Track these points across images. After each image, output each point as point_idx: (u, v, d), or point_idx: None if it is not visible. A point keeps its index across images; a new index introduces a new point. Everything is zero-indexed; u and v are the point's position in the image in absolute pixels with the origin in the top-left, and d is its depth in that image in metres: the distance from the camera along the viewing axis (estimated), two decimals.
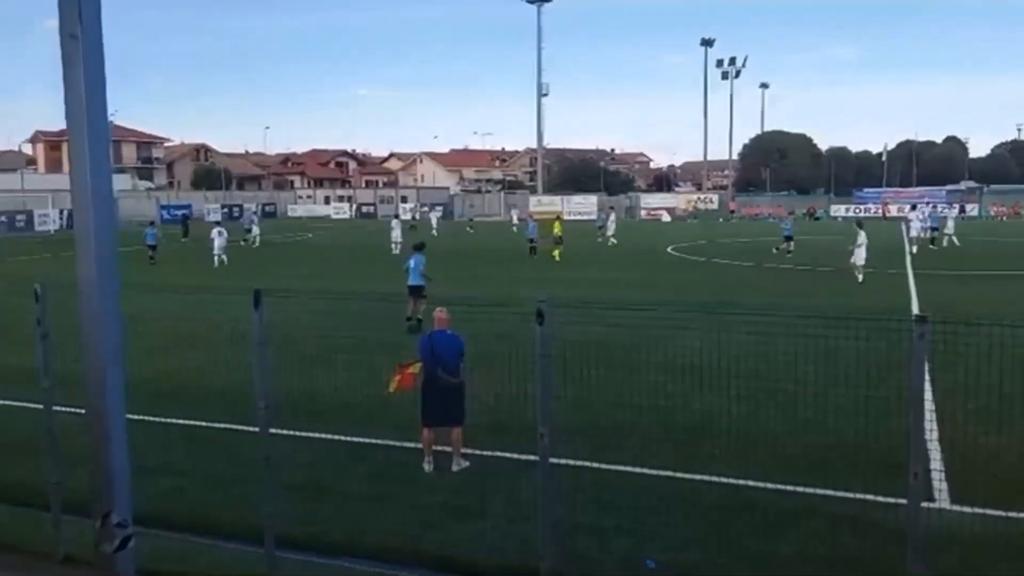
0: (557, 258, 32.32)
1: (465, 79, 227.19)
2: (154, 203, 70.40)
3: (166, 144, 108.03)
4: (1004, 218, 67.14)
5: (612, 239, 41.91)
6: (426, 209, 59.81)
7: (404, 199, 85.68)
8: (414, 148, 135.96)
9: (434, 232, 48.35)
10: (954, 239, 36.93)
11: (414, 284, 17.15)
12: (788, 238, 34.00)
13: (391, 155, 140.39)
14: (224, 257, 31.46)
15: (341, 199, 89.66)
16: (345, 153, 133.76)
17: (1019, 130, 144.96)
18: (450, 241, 43.04)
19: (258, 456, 6.48)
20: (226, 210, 76.46)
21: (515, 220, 58.13)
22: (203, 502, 7.83)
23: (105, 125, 3.30)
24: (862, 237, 24.83)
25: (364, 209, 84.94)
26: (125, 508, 3.26)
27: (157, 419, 9.91)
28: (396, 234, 36.50)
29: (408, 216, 52.93)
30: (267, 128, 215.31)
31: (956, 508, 7.27)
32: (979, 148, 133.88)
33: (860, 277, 24.46)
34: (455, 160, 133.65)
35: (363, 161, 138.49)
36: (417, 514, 7.52)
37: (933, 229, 36.65)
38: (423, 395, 8.49)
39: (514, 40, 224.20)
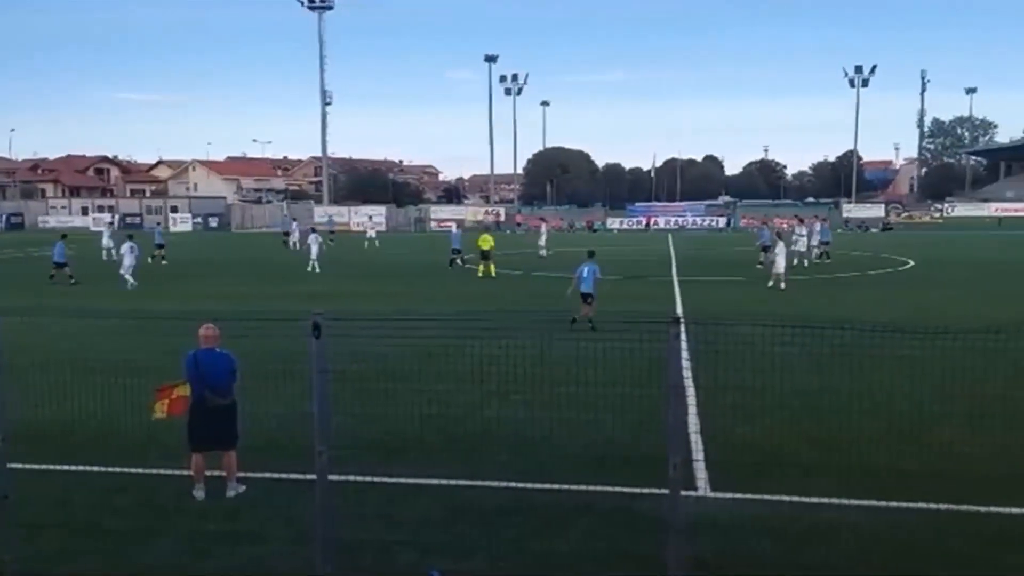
0: (490, 274, 29.37)
1: (242, 85, 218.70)
2: None
3: None
4: (754, 229, 72.32)
5: (544, 252, 39.15)
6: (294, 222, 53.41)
7: (175, 209, 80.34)
8: (186, 155, 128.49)
9: (295, 245, 45.32)
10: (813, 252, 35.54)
11: (586, 291, 17.72)
12: (765, 248, 30.96)
13: (159, 162, 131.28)
14: (132, 279, 26.10)
15: (102, 209, 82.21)
16: (106, 159, 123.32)
17: (765, 150, 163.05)
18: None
19: None
20: None
21: (371, 234, 52.51)
22: None
23: None
24: (780, 247, 25.94)
25: (129, 220, 78.50)
26: None
27: None
28: (315, 250, 32.76)
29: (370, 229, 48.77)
30: (13, 131, 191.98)
31: (715, 495, 7.91)
32: (733, 166, 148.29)
33: (783, 285, 24.96)
34: (232, 168, 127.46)
35: (127, 168, 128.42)
36: (188, 543, 7.01)
37: (824, 243, 35.38)
38: (190, 418, 7.87)
39: (295, 46, 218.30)
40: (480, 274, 29.40)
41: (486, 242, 30.18)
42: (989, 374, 10.88)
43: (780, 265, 25.47)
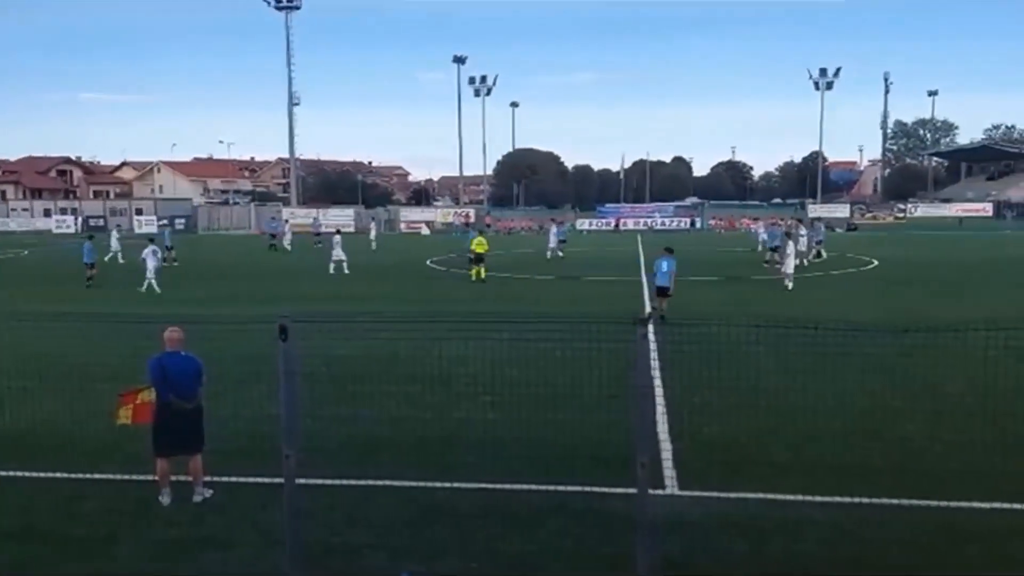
0: (477, 277, 28.94)
1: (208, 85, 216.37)
2: None
3: None
4: (722, 231, 72.40)
5: (559, 252, 39.98)
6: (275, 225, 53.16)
7: (139, 211, 79.05)
8: (151, 156, 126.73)
9: (288, 247, 45.01)
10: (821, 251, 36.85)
11: (662, 285, 19.15)
12: (773, 249, 31.72)
13: (124, 164, 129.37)
14: (155, 282, 25.82)
15: (65, 211, 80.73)
16: (69, 161, 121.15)
17: (732, 151, 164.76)
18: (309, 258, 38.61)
19: None
20: None
21: (372, 236, 51.11)
22: None
23: None
24: (791, 248, 25.99)
25: (93, 222, 77.16)
26: None
27: None
28: (338, 252, 32.06)
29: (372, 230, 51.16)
30: None
31: (683, 493, 7.97)
32: (701, 167, 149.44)
33: (790, 285, 24.93)
34: (198, 170, 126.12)
35: (91, 170, 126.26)
36: (154, 550, 6.91)
37: (818, 243, 36.62)
38: (155, 422, 7.76)
39: (262, 47, 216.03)
40: (480, 278, 28.96)
41: (480, 245, 29.87)
42: (949, 371, 11.11)
43: (789, 266, 25.45)
